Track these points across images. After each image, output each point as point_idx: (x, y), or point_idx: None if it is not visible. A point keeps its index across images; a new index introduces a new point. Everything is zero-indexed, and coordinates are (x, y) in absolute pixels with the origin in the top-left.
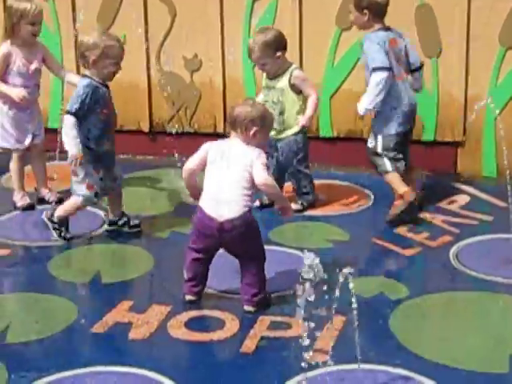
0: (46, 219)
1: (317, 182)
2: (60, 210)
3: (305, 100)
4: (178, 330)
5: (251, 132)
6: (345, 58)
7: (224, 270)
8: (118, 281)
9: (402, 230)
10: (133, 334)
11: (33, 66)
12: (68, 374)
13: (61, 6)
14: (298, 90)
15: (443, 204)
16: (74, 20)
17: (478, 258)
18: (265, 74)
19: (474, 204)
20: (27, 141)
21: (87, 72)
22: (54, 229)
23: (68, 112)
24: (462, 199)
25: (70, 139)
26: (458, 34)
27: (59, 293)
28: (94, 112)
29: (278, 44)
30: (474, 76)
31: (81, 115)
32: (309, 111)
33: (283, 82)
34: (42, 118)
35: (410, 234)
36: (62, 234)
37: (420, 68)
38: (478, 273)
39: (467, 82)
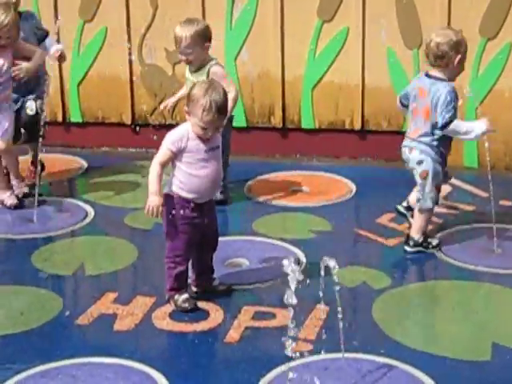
0: None
1: (299, 173)
2: None
3: None
4: (162, 320)
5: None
6: (326, 50)
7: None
8: (103, 273)
9: (384, 221)
10: (117, 326)
11: None
12: (53, 366)
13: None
14: None
15: None
16: (56, 13)
17: (460, 248)
18: (187, 68)
19: (456, 194)
20: None
21: None
22: None
23: None
24: (444, 189)
25: None
26: (439, 25)
27: (44, 285)
28: None
29: (208, 34)
30: None
31: None
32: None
33: (203, 77)
34: (9, 117)
35: (392, 224)
36: None
37: None
38: (460, 262)
39: None
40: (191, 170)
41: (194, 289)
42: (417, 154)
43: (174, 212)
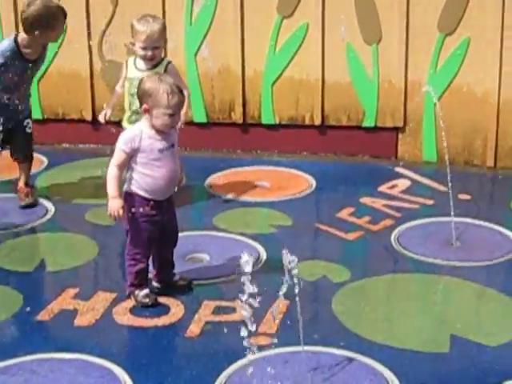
0: None
1: (260, 168)
2: None
3: None
4: (123, 316)
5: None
6: (286, 46)
7: None
8: (63, 268)
9: (344, 215)
10: (78, 321)
11: None
12: (13, 362)
13: None
14: None
15: (384, 188)
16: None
17: (419, 241)
18: (134, 66)
19: (415, 188)
20: None
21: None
22: None
23: None
24: (403, 184)
25: None
26: (397, 20)
27: (4, 282)
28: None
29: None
30: (413, 62)
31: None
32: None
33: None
34: None
35: (351, 219)
36: None
37: None
38: (420, 255)
39: (407, 69)
40: (146, 170)
41: (155, 284)
42: None
43: (133, 210)
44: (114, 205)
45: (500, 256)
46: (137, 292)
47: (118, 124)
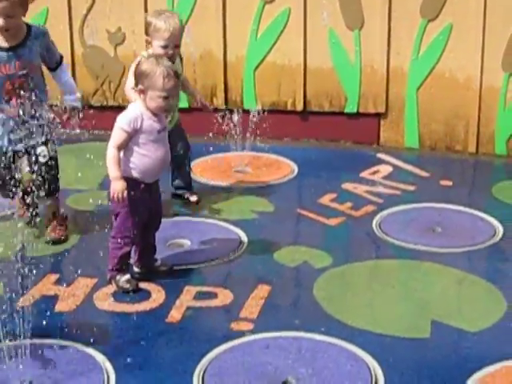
0: None
1: (241, 154)
2: None
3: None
4: (104, 301)
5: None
6: (268, 31)
7: None
8: (44, 254)
9: (326, 201)
10: (59, 307)
11: None
12: None
13: None
14: None
15: (366, 174)
16: None
17: (401, 227)
18: None
19: (397, 174)
20: None
21: None
22: None
23: None
24: (385, 169)
25: None
26: (380, 6)
27: None
28: None
29: None
30: (395, 48)
31: None
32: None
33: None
34: None
35: (333, 205)
36: None
37: None
38: (401, 241)
39: (389, 54)
40: (144, 150)
41: (136, 269)
42: None
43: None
44: (118, 186)
45: (481, 242)
46: (118, 277)
47: (99, 109)
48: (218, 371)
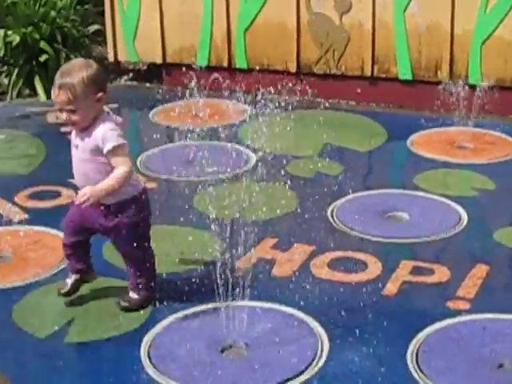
0: None
1: (463, 129)
2: None
3: None
4: (321, 269)
5: None
6: (498, 5)
7: None
8: (262, 218)
9: None
10: (276, 271)
11: None
12: (193, 311)
13: None
14: None
15: None
16: None
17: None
18: None
19: None
20: None
21: None
22: None
23: None
24: None
25: None
26: None
27: (207, 227)
28: None
29: None
30: None
31: None
32: None
33: None
34: None
35: None
36: None
37: None
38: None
39: None
40: None
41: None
42: None
43: (142, 215)
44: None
45: None
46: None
47: (322, 77)
48: (431, 348)
